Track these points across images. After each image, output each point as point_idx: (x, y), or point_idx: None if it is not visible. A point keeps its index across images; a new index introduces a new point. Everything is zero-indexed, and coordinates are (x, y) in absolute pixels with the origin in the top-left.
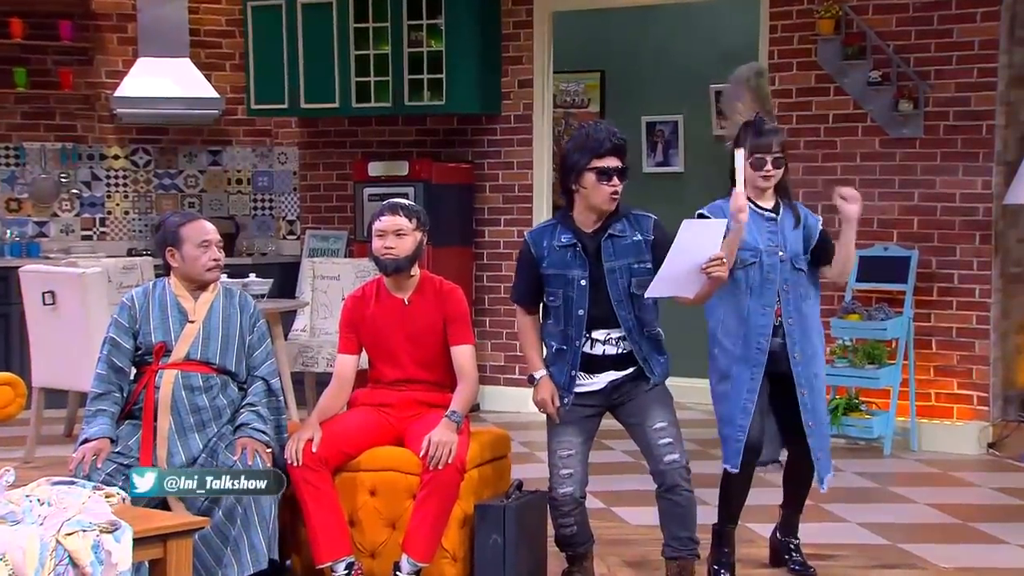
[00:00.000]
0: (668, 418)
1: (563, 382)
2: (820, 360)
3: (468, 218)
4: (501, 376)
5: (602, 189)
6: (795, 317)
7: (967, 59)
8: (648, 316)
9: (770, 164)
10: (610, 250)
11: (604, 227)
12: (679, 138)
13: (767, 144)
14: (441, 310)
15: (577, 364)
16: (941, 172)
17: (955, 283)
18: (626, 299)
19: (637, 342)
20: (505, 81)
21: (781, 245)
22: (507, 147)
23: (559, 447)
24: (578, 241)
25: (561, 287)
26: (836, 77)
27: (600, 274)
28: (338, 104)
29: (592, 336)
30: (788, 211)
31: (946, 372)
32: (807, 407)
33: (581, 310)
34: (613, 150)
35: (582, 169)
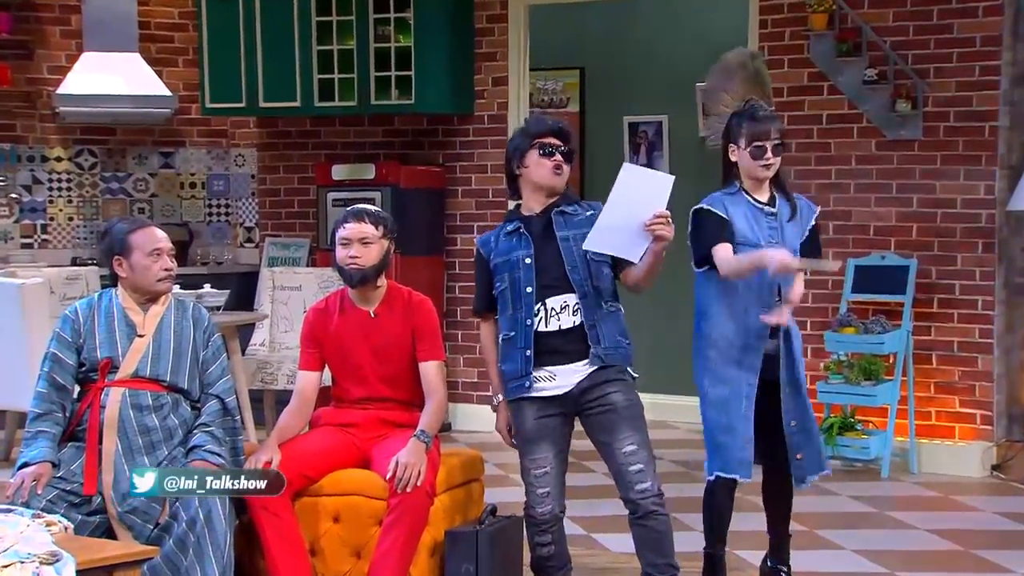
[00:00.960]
0: (638, 439)
1: (519, 369)
2: (802, 362)
3: (438, 225)
4: (473, 393)
5: (544, 163)
6: (787, 316)
7: (968, 56)
8: (606, 286)
9: (770, 152)
10: (561, 222)
11: (552, 206)
12: (663, 140)
13: (766, 131)
14: (409, 323)
15: (530, 342)
16: (941, 176)
17: (956, 294)
18: (581, 264)
19: (591, 310)
20: (478, 79)
21: (781, 241)
22: (480, 149)
23: (533, 465)
24: (522, 224)
25: (507, 271)
26: (830, 75)
27: (550, 248)
28: (299, 103)
29: (546, 304)
30: (785, 203)
31: (947, 389)
32: (789, 407)
33: (529, 287)
34: (555, 131)
35: (524, 149)
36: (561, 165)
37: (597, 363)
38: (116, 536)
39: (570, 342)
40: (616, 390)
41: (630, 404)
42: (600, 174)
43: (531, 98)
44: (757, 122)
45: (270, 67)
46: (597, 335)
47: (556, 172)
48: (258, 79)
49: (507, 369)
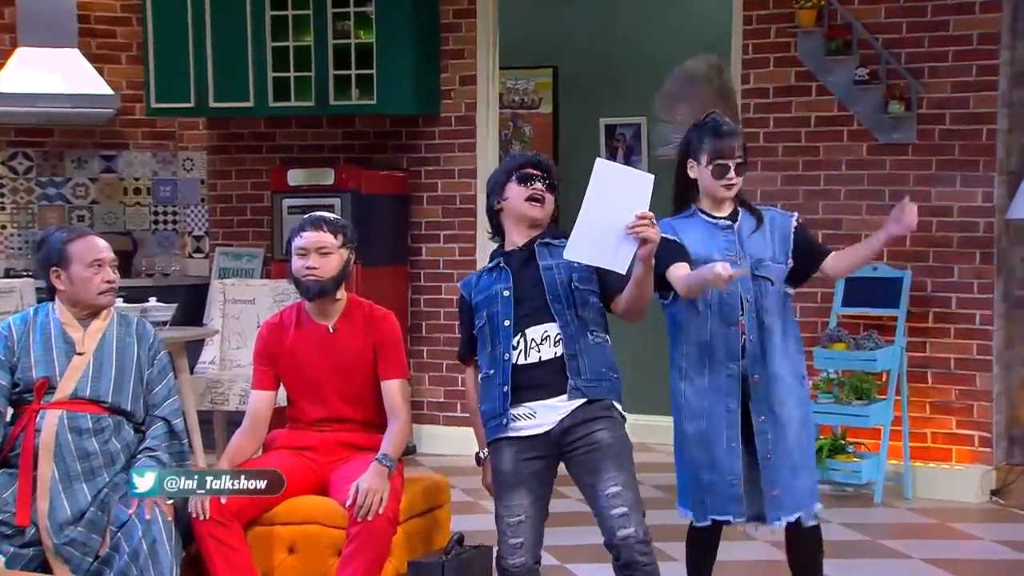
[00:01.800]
0: (623, 480)
1: (496, 407)
2: (788, 385)
3: (403, 234)
4: (440, 414)
5: (522, 192)
6: (756, 334)
7: (965, 55)
8: (592, 316)
9: (733, 171)
10: (545, 253)
11: (535, 239)
12: (642, 143)
13: (729, 148)
14: (371, 339)
15: (507, 377)
16: (937, 182)
17: (953, 308)
18: (564, 293)
19: (574, 339)
20: (445, 78)
21: (739, 253)
22: (447, 153)
23: (507, 512)
24: (502, 259)
25: (485, 307)
26: (818, 75)
27: (531, 279)
28: (253, 103)
29: (526, 335)
30: (747, 215)
31: (944, 409)
32: (765, 436)
33: (507, 320)
34: (533, 163)
35: (503, 182)
36: (542, 195)
37: (577, 396)
38: (52, 570)
39: (550, 374)
40: (601, 428)
41: (615, 442)
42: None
43: (501, 98)
44: (720, 138)
45: (221, 64)
46: (578, 367)
47: (535, 201)
48: (208, 77)
49: (485, 409)
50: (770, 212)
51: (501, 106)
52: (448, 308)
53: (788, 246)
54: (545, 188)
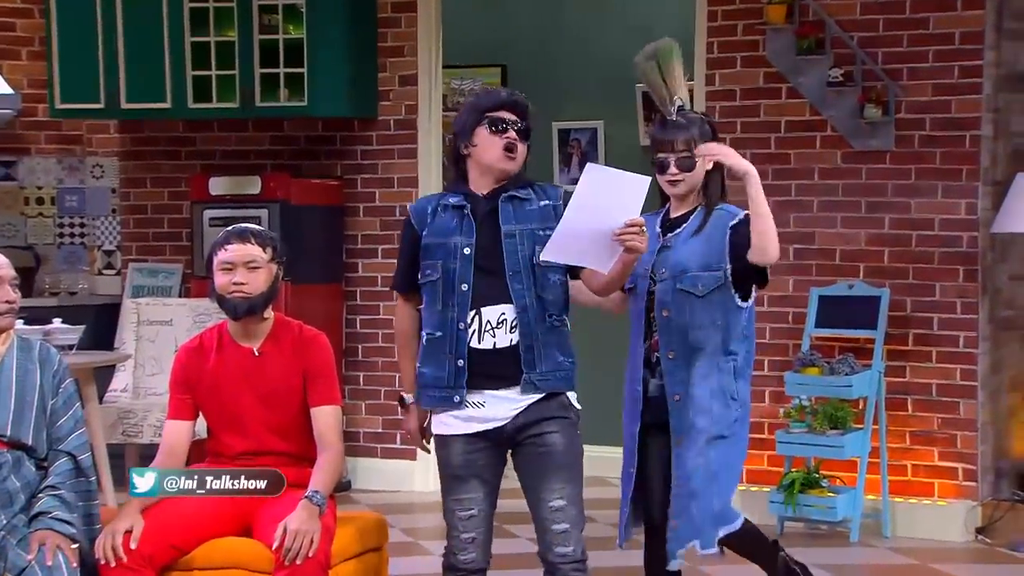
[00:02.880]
0: (568, 493)
1: (445, 378)
2: (704, 404)
3: (336, 248)
4: (377, 446)
5: (495, 141)
6: (678, 350)
7: (946, 55)
8: (553, 297)
9: (674, 166)
10: (509, 212)
11: (502, 188)
12: (599, 149)
13: (668, 141)
14: (300, 363)
15: (463, 350)
16: (916, 193)
17: (935, 329)
18: (525, 271)
19: (531, 326)
20: (383, 77)
21: (665, 261)
22: (386, 159)
23: (459, 507)
24: (468, 203)
25: (440, 258)
26: (789, 76)
27: (492, 242)
28: (170, 104)
29: (482, 315)
30: (696, 218)
31: (925, 439)
32: (679, 461)
33: (465, 284)
34: (509, 104)
35: (472, 125)
36: (515, 144)
37: (531, 391)
38: None
39: (504, 364)
40: (555, 430)
41: (568, 449)
42: None
43: (445, 100)
44: (662, 129)
45: (134, 61)
46: (533, 358)
47: (508, 153)
48: (119, 75)
49: (428, 372)
50: (724, 209)
51: (445, 108)
52: (386, 329)
53: (725, 246)
54: (519, 136)
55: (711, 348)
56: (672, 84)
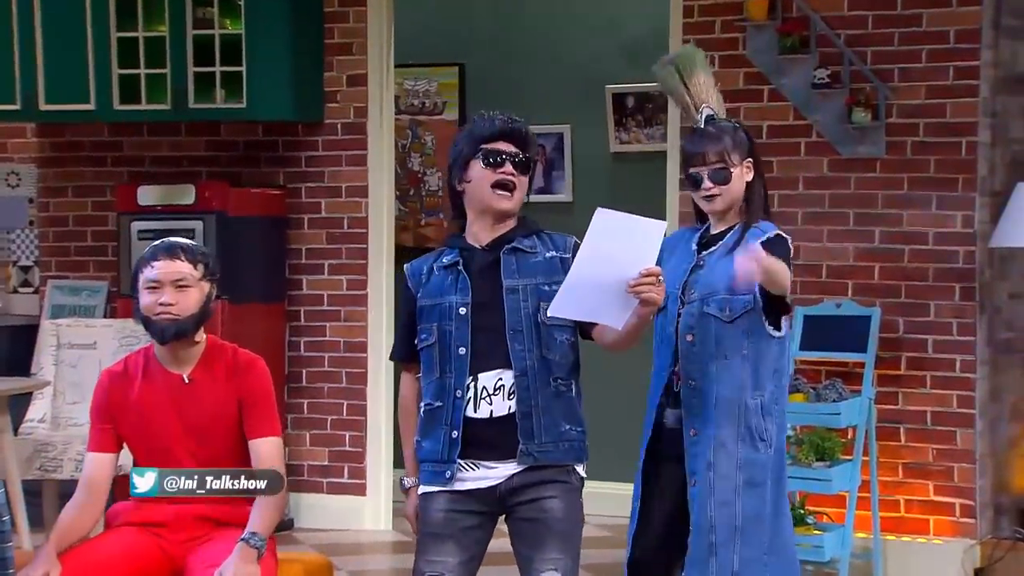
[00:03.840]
0: (563, 565)
1: (439, 451)
2: (735, 450)
3: (278, 263)
4: (322, 480)
5: (488, 176)
6: (700, 381)
7: (941, 55)
8: (559, 359)
9: (707, 180)
10: (512, 265)
11: (505, 239)
12: (566, 155)
13: (700, 154)
14: (236, 390)
15: (459, 420)
16: (909, 204)
17: (929, 352)
18: (527, 329)
19: (530, 392)
20: (329, 77)
21: (695, 282)
22: (333, 167)
23: (427, 567)
24: (462, 259)
25: (435, 320)
26: (771, 77)
27: (492, 299)
28: (94, 105)
29: (478, 381)
30: (734, 235)
31: (919, 472)
32: (697, 505)
33: (462, 347)
34: (507, 134)
35: (467, 157)
36: (510, 180)
37: (528, 462)
38: None
39: (501, 434)
40: (553, 495)
41: (566, 517)
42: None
43: (398, 102)
44: (692, 141)
45: (54, 59)
46: (532, 428)
47: (502, 191)
48: (37, 73)
49: (426, 446)
50: (760, 228)
51: (398, 111)
52: (333, 352)
53: None
54: (518, 170)
55: (737, 382)
56: (696, 91)
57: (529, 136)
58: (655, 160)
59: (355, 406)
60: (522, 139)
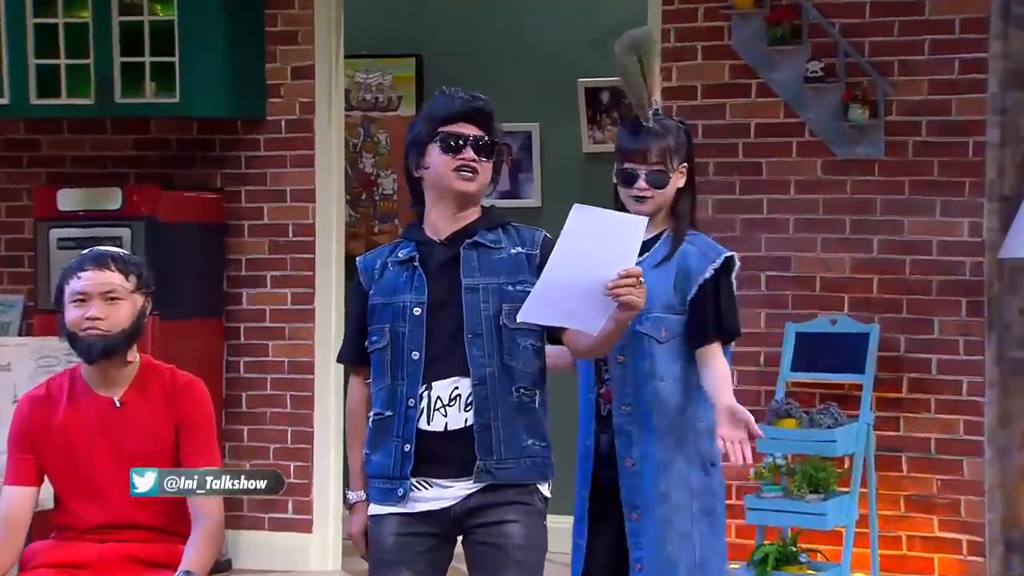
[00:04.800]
0: None
1: (391, 466)
2: (687, 478)
3: (216, 275)
4: (265, 516)
5: (447, 162)
6: (634, 404)
7: (945, 46)
8: (523, 367)
9: (643, 179)
10: (472, 261)
11: (466, 232)
12: (534, 156)
13: (641, 151)
14: (171, 415)
15: (411, 433)
16: (910, 210)
17: (933, 373)
18: (488, 333)
19: (489, 402)
20: (272, 69)
21: None
22: (276, 168)
23: None
24: (418, 253)
25: (388, 320)
26: (759, 70)
27: (449, 299)
28: (8, 99)
29: (432, 390)
30: (663, 246)
31: (922, 505)
32: (636, 538)
33: (416, 352)
34: (467, 114)
35: (425, 139)
36: (472, 165)
37: (486, 480)
38: None
39: (456, 449)
40: (514, 519)
41: (527, 544)
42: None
43: (348, 96)
44: (633, 136)
45: None
46: (490, 442)
47: (464, 174)
48: None
49: (376, 459)
50: (696, 243)
51: (348, 106)
52: (277, 375)
53: (689, 294)
54: (480, 154)
55: (677, 404)
56: (652, 83)
57: (491, 114)
58: None
59: (301, 433)
60: (486, 120)
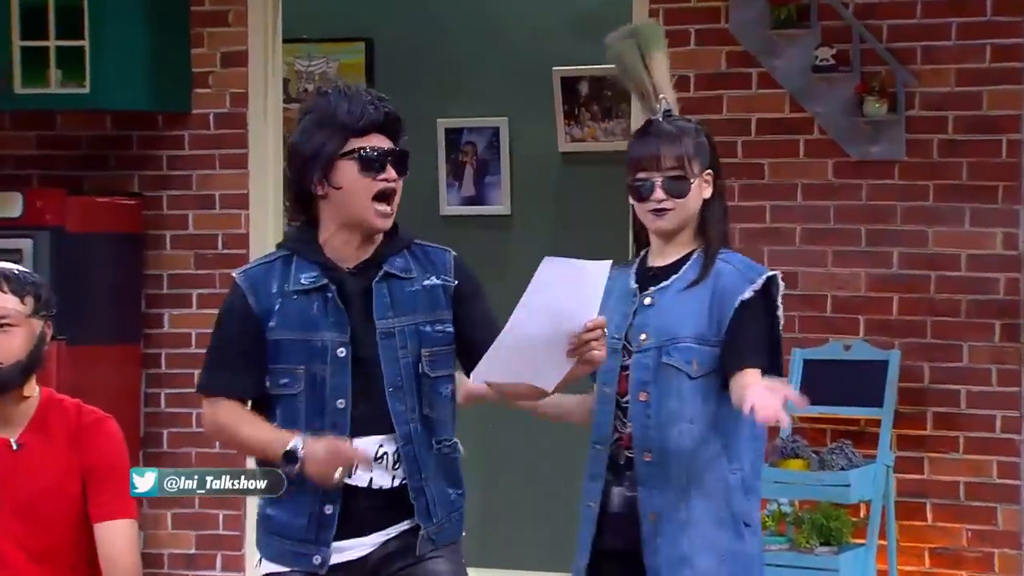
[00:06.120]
0: None
1: (305, 530)
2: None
3: (133, 294)
4: (189, 573)
5: (368, 186)
6: (659, 450)
7: (975, 30)
8: (442, 416)
9: (660, 189)
10: (386, 298)
11: (374, 261)
12: (502, 157)
13: (653, 156)
14: (78, 459)
15: (337, 496)
16: (936, 219)
17: (962, 407)
18: (409, 384)
19: (418, 461)
20: (198, 55)
21: (646, 324)
22: (203, 169)
23: None
24: (329, 280)
25: (302, 361)
26: (761, 57)
27: (367, 342)
28: None
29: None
30: (694, 266)
31: (951, 559)
32: None
33: (342, 399)
34: (382, 124)
35: (332, 157)
36: (394, 187)
37: (427, 548)
38: None
39: (384, 505)
40: (438, 555)
41: None
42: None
43: (287, 87)
44: (643, 141)
45: None
46: (426, 506)
47: (382, 209)
48: None
49: (283, 521)
50: (732, 262)
51: (287, 99)
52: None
53: (725, 321)
54: (398, 171)
55: (708, 452)
56: (659, 77)
57: (402, 122)
58: (614, 162)
59: None
60: (398, 129)
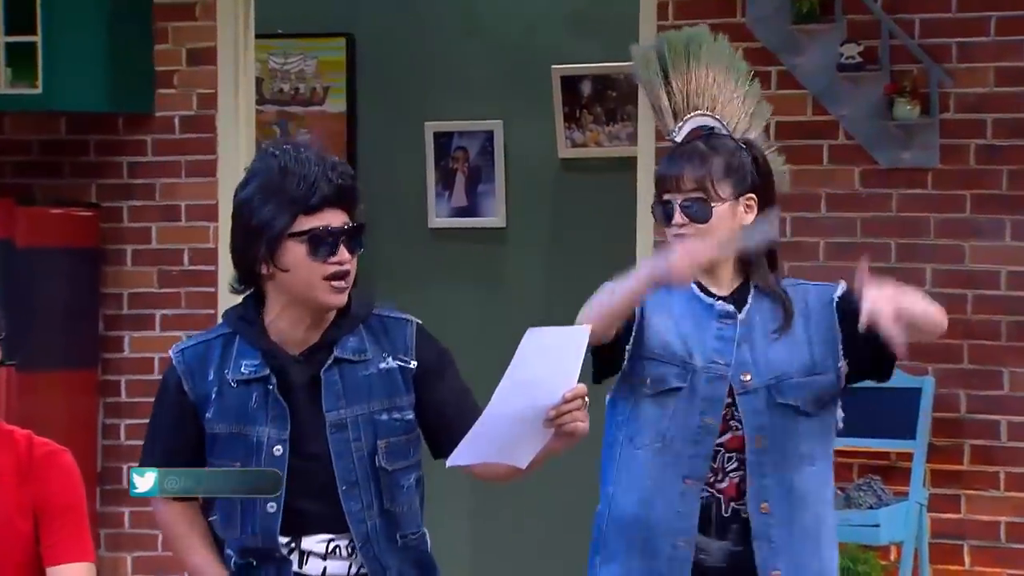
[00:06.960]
0: None
1: None
2: None
3: (90, 315)
4: None
5: (319, 269)
6: (775, 501)
7: (1015, 25)
8: (406, 509)
9: (679, 213)
10: (337, 386)
11: (324, 343)
12: (496, 163)
13: (674, 178)
14: (28, 497)
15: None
16: (971, 232)
17: (1002, 439)
18: (364, 480)
19: (381, 560)
20: (162, 52)
21: (745, 362)
22: (167, 177)
23: None
24: (271, 370)
25: (239, 458)
26: (782, 55)
27: (314, 434)
28: None
29: (300, 543)
30: (760, 300)
31: None
32: None
33: (272, 504)
34: (335, 197)
35: (280, 235)
36: (347, 268)
37: None
38: None
39: None
40: None
41: None
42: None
43: (261, 87)
44: (668, 160)
45: None
46: None
47: (336, 285)
48: None
49: None
50: (802, 290)
51: (260, 99)
52: None
53: (836, 334)
54: (351, 249)
55: (817, 495)
56: (688, 92)
57: (358, 193)
58: (619, 169)
59: None
60: (353, 199)
